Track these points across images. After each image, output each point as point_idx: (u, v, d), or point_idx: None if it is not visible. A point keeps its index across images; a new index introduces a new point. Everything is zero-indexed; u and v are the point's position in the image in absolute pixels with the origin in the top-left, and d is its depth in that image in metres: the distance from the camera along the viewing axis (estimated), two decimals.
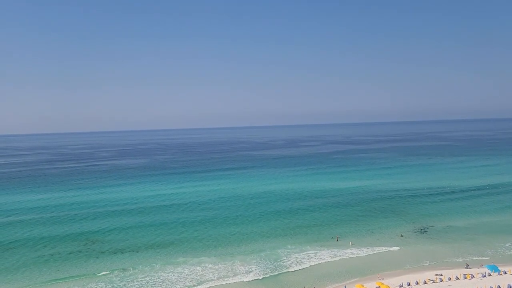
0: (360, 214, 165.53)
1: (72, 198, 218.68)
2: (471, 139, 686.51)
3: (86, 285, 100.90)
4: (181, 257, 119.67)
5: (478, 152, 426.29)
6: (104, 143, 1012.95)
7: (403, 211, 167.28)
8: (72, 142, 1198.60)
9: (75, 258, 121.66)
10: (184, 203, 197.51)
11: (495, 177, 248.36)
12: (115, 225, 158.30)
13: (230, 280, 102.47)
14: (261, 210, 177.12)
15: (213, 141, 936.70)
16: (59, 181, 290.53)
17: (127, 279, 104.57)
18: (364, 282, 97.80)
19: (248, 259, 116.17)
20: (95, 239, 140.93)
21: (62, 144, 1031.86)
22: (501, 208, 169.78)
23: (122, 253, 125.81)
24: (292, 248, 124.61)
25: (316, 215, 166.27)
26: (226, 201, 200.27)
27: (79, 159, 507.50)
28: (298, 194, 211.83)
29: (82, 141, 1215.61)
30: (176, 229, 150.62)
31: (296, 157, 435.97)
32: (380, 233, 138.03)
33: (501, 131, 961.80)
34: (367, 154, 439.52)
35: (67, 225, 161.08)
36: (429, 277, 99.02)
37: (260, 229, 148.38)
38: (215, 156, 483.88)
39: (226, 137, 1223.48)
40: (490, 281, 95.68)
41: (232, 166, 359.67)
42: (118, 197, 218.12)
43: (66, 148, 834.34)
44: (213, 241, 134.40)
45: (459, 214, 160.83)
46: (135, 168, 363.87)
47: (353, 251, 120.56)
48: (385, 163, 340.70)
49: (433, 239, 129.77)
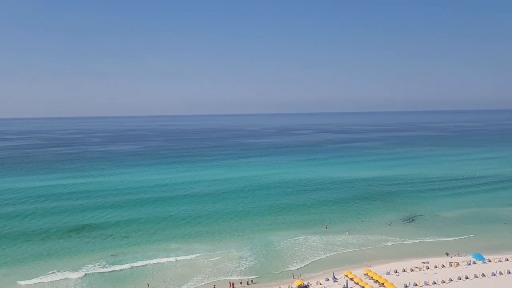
0: (350, 202, 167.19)
1: (63, 183, 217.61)
2: (462, 130, 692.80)
3: (76, 270, 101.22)
4: (174, 244, 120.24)
5: (468, 143, 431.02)
6: (96, 129, 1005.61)
7: (392, 200, 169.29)
8: (63, 127, 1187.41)
9: (66, 243, 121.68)
10: (176, 190, 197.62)
11: (484, 167, 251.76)
12: (106, 211, 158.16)
13: (223, 266, 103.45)
14: (252, 198, 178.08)
15: (206, 128, 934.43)
16: (50, 166, 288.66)
17: (118, 264, 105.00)
18: (352, 269, 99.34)
19: (240, 245, 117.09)
20: (86, 224, 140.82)
21: (52, 129, 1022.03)
22: (488, 198, 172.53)
23: (113, 238, 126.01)
24: (283, 235, 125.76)
25: (307, 203, 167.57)
26: (218, 188, 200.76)
27: (70, 144, 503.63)
28: (289, 182, 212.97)
29: (72, 126, 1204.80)
30: (168, 216, 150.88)
31: (288, 145, 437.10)
32: (369, 221, 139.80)
33: (493, 122, 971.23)
34: (358, 144, 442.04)
35: (57, 210, 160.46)
36: (415, 265, 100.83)
37: (251, 216, 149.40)
38: (208, 144, 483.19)
39: (219, 124, 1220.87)
40: (475, 269, 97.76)
41: (224, 153, 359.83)
42: (110, 183, 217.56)
43: (57, 133, 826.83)
44: (205, 228, 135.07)
45: (447, 204, 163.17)
46: (127, 154, 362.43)
47: (342, 239, 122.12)
48: (376, 153, 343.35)
49: (421, 228, 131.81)
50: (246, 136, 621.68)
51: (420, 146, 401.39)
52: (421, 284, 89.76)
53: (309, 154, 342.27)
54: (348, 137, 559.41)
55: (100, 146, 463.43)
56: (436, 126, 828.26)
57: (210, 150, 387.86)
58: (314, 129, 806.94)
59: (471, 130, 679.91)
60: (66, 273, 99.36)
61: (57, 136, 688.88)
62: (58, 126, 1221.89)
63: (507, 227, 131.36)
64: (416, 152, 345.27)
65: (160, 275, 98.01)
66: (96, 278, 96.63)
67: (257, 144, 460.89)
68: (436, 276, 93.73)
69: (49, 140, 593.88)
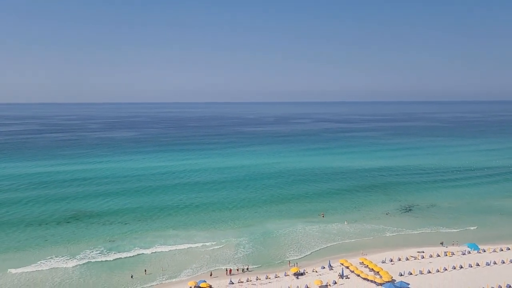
0: (348, 191, 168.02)
1: (62, 170, 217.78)
2: (460, 120, 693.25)
3: (74, 255, 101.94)
4: (172, 231, 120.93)
5: (465, 133, 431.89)
6: (94, 115, 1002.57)
7: (389, 190, 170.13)
8: (60, 112, 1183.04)
9: (63, 228, 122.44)
10: (175, 177, 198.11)
11: (481, 158, 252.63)
12: (105, 198, 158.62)
13: (221, 254, 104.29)
14: (251, 187, 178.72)
15: (205, 116, 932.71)
16: (48, 152, 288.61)
17: (116, 250, 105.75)
18: (348, 257, 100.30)
19: (238, 234, 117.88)
20: (84, 210, 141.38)
21: (50, 115, 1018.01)
22: (484, 189, 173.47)
23: (112, 225, 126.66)
24: (281, 224, 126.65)
25: (305, 192, 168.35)
26: (217, 176, 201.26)
27: (69, 130, 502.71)
28: (287, 171, 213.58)
29: (70, 112, 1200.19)
30: (166, 203, 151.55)
31: (286, 134, 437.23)
32: (366, 211, 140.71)
33: (490, 113, 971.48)
34: (356, 133, 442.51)
35: (55, 196, 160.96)
36: (411, 254, 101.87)
37: (250, 204, 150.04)
38: (207, 131, 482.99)
39: (218, 112, 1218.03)
40: (470, 259, 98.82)
41: (223, 141, 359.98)
42: (109, 170, 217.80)
43: (55, 118, 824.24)
44: (204, 216, 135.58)
45: (443, 194, 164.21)
46: (126, 141, 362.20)
47: (338, 227, 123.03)
48: (374, 142, 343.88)
49: (417, 218, 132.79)
50: (244, 124, 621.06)
51: (418, 136, 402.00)
52: (416, 273, 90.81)
53: (307, 143, 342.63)
54: (346, 126, 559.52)
55: (99, 132, 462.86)
56: (435, 117, 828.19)
57: (210, 138, 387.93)
58: (312, 118, 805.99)
59: (469, 121, 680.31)
60: (64, 258, 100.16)
61: (55, 122, 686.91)
62: (56, 112, 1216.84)
63: (502, 217, 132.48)
64: (414, 142, 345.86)
65: (158, 262, 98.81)
66: (94, 264, 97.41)
67: (256, 132, 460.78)
68: (431, 265, 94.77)
69: (47, 126, 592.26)
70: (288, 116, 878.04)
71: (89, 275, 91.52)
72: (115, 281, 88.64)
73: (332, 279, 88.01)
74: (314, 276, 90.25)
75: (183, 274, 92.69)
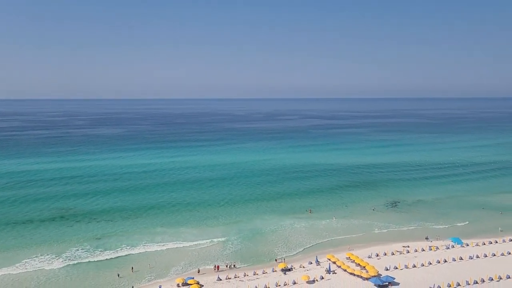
0: (335, 188, 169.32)
1: (46, 166, 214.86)
2: (444, 117, 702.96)
3: (59, 254, 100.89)
4: (160, 228, 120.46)
5: (450, 129, 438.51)
6: (80, 111, 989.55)
7: (376, 186, 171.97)
8: (44, 109, 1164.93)
9: (49, 227, 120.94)
10: (162, 174, 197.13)
11: (464, 154, 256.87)
12: (89, 193, 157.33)
13: (209, 250, 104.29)
14: (238, 182, 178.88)
15: (193, 113, 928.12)
16: (33, 150, 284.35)
17: (102, 247, 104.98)
18: (335, 253, 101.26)
19: (226, 230, 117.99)
20: (69, 207, 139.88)
21: (33, 111, 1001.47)
22: (467, 185, 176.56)
23: (98, 222, 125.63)
24: (268, 219, 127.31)
25: (291, 187, 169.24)
26: (204, 173, 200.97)
27: (53, 127, 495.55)
28: (276, 168, 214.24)
29: (56, 109, 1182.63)
30: (153, 201, 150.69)
31: (275, 131, 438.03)
32: (353, 207, 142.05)
33: (475, 110, 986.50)
34: (343, 130, 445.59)
35: (40, 193, 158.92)
36: (396, 249, 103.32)
37: (237, 200, 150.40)
38: (195, 128, 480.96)
39: (206, 108, 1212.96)
40: (453, 253, 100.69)
41: (211, 138, 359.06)
42: (95, 167, 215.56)
43: (39, 115, 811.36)
44: (192, 213, 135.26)
45: (428, 189, 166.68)
46: (113, 138, 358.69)
47: (326, 223, 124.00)
48: (361, 139, 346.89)
49: (403, 213, 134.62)
50: (233, 121, 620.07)
51: (404, 133, 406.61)
52: (401, 267, 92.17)
53: (295, 140, 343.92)
54: (334, 123, 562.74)
55: (85, 129, 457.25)
56: (421, 113, 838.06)
57: (198, 135, 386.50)
58: (301, 114, 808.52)
59: (454, 117, 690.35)
60: (49, 257, 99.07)
61: (40, 119, 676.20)
62: (40, 108, 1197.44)
63: (485, 212, 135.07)
64: (400, 139, 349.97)
65: (145, 259, 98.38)
66: (80, 263, 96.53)
67: (245, 129, 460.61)
68: (416, 259, 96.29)
69: (31, 122, 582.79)
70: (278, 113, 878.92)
71: (75, 274, 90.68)
72: (102, 280, 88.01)
73: (319, 274, 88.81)
74: (301, 271, 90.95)
75: (171, 271, 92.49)
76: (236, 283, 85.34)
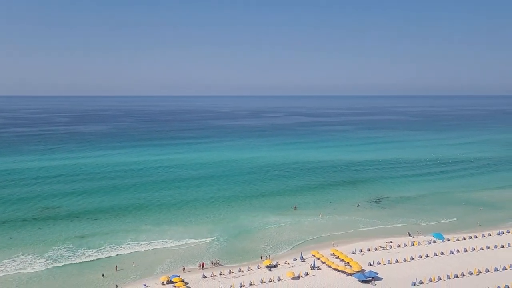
0: (319, 185, 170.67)
1: (27, 164, 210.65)
2: (426, 114, 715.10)
3: (41, 253, 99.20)
4: (144, 226, 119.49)
5: (431, 127, 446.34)
6: (62, 108, 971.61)
7: (360, 183, 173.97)
8: (24, 106, 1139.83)
9: (30, 225, 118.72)
10: (146, 171, 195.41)
11: (445, 150, 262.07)
12: (72, 192, 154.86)
13: (194, 248, 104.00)
14: (223, 180, 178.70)
15: (176, 110, 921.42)
16: (13, 148, 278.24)
17: (85, 246, 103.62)
18: (320, 249, 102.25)
19: (211, 228, 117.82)
20: (50, 205, 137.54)
21: (13, 108, 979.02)
22: (449, 182, 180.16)
23: (80, 220, 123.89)
24: (254, 217, 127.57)
25: (277, 185, 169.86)
26: (188, 169, 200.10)
27: (35, 124, 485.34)
28: (261, 166, 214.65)
29: (37, 105, 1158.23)
30: (137, 196, 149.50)
31: (259, 128, 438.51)
32: (337, 203, 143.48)
33: (455, 107, 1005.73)
34: (327, 127, 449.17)
35: (21, 191, 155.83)
36: (380, 244, 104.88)
37: (222, 197, 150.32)
38: (178, 125, 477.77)
39: (190, 105, 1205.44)
40: (435, 248, 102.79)
41: (194, 135, 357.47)
42: (78, 164, 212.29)
43: (19, 112, 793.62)
44: (177, 211, 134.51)
45: (411, 186, 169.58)
46: (95, 135, 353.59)
47: (310, 220, 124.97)
48: (345, 136, 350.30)
49: (386, 209, 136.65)
50: (218, 118, 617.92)
51: (387, 129, 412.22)
52: (384, 262, 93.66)
53: (280, 137, 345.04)
54: (319, 120, 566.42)
55: (67, 126, 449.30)
56: (402, 111, 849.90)
57: (182, 133, 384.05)
58: (286, 112, 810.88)
59: (435, 115, 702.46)
60: (31, 257, 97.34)
61: (20, 116, 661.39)
62: (19, 105, 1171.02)
63: (465, 208, 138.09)
64: (383, 135, 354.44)
65: (130, 258, 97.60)
66: (63, 261, 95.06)
67: (230, 126, 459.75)
68: (398, 255, 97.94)
69: (10, 119, 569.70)
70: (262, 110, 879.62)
71: (58, 274, 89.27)
72: (85, 279, 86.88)
73: (304, 270, 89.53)
74: (286, 268, 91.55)
75: (156, 269, 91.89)
76: (221, 280, 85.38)
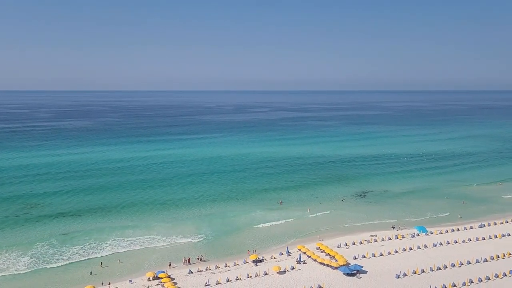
0: (305, 179, 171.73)
1: (8, 160, 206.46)
2: (409, 109, 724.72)
3: (24, 252, 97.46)
4: (130, 222, 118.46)
5: (415, 122, 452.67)
6: (44, 103, 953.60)
7: (345, 177, 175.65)
8: (7, 101, 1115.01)
9: (12, 223, 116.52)
10: (131, 167, 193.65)
11: (429, 145, 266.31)
12: (56, 189, 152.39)
13: (180, 243, 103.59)
14: (209, 175, 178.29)
15: (161, 105, 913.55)
16: None
17: (69, 243, 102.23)
18: (305, 243, 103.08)
19: (197, 224, 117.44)
20: (34, 202, 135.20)
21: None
22: (432, 176, 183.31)
23: (64, 217, 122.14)
24: (240, 212, 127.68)
25: (262, 180, 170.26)
26: (174, 166, 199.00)
27: (15, 120, 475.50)
28: (246, 161, 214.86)
29: (18, 101, 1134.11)
30: (123, 194, 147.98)
31: (244, 123, 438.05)
32: (323, 198, 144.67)
33: (437, 103, 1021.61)
34: (312, 122, 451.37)
35: (2, 188, 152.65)
36: (364, 238, 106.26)
37: (208, 193, 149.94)
38: (163, 120, 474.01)
39: (174, 100, 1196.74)
40: (418, 241, 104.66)
41: (181, 131, 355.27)
42: (59, 159, 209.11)
43: (1, 107, 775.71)
44: (162, 208, 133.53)
45: (395, 180, 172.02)
46: (78, 130, 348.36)
47: (297, 214, 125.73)
48: (330, 131, 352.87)
49: (371, 203, 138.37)
50: (203, 113, 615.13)
51: (371, 124, 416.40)
52: (369, 256, 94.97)
53: (265, 132, 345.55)
54: (304, 115, 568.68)
55: (51, 122, 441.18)
56: (386, 106, 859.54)
57: (168, 129, 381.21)
58: (271, 107, 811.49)
59: (419, 110, 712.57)
60: (14, 255, 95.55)
61: (0, 111, 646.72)
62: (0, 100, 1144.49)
63: (448, 201, 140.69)
64: (368, 130, 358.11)
65: (115, 254, 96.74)
66: (47, 259, 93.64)
67: (215, 121, 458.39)
68: (383, 248, 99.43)
69: None
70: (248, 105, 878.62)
71: (43, 272, 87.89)
72: (69, 277, 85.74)
73: (290, 264, 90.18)
74: (272, 262, 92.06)
75: (142, 265, 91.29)
76: (207, 275, 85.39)
